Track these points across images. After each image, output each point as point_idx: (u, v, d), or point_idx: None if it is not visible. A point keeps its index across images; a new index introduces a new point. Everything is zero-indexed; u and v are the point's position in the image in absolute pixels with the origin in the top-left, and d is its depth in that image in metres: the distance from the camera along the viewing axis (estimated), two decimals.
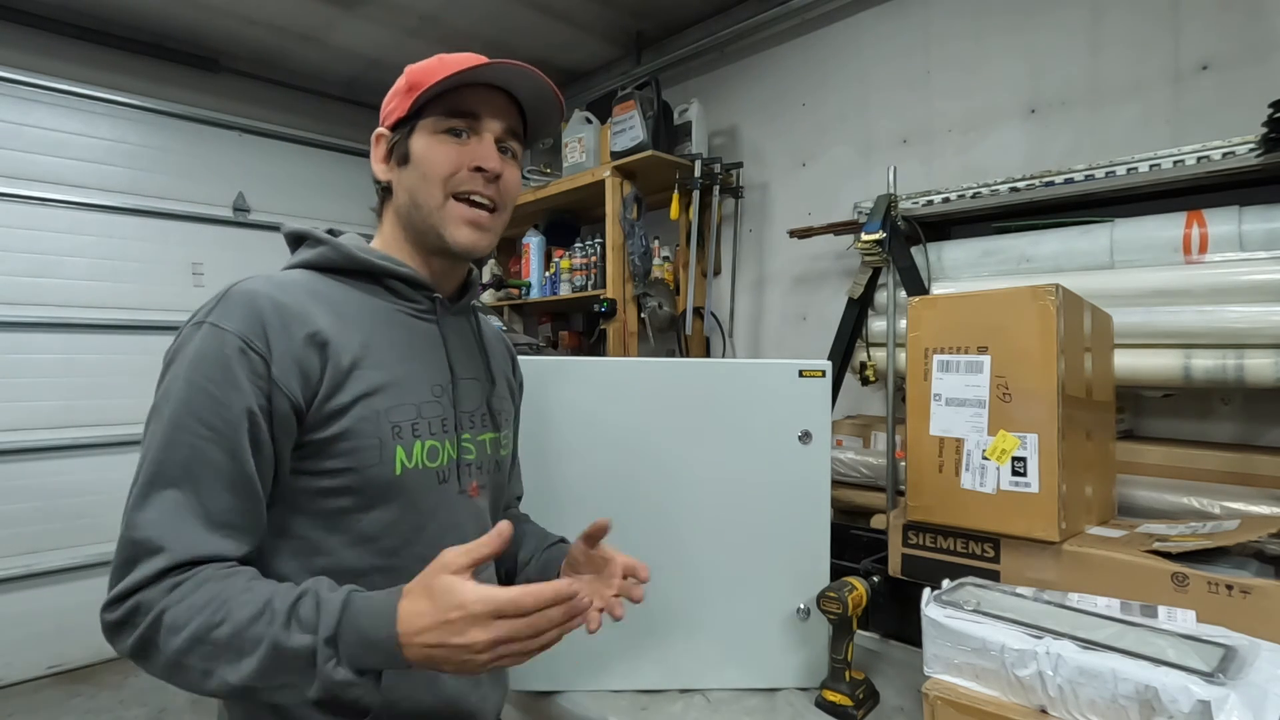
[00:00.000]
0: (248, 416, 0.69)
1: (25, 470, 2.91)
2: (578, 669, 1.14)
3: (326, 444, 0.73)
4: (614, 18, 2.88)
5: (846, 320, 1.96)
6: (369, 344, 0.77)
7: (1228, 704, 0.66)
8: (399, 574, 0.72)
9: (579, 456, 1.13)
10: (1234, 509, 1.30)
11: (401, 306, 0.84)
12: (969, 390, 1.10)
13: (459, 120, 0.81)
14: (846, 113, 2.41)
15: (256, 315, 0.71)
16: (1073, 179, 1.61)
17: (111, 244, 3.11)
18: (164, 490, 0.66)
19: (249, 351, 0.69)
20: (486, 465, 0.89)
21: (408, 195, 0.82)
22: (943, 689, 0.85)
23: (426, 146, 0.81)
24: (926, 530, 1.15)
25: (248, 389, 0.69)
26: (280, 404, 0.70)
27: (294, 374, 0.71)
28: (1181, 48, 1.71)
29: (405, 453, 0.77)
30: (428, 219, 0.81)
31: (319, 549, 0.75)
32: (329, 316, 0.75)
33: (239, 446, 0.68)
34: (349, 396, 0.74)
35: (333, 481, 0.74)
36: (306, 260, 0.82)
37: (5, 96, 2.84)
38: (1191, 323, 1.43)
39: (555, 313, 3.38)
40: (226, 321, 0.70)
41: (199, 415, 0.68)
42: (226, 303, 0.72)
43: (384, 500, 0.76)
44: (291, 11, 2.86)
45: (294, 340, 0.72)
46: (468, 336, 0.92)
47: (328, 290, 0.79)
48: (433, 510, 0.80)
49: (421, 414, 0.80)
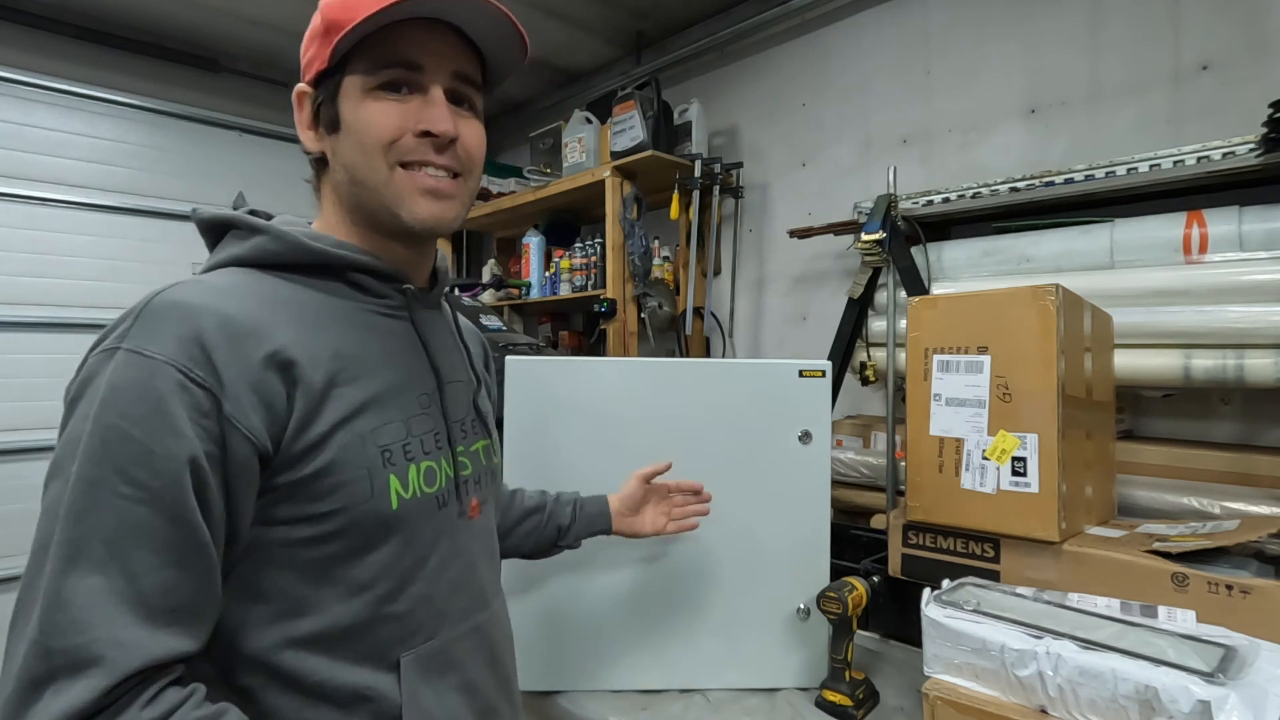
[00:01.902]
0: (191, 468, 0.53)
1: (25, 470, 2.91)
2: (578, 669, 1.14)
3: (304, 484, 0.59)
4: (614, 18, 2.88)
5: (846, 320, 1.96)
6: (342, 354, 0.64)
7: (1228, 704, 0.66)
8: (400, 622, 0.65)
9: (579, 456, 1.13)
10: (1234, 509, 1.30)
11: (369, 304, 0.69)
12: (969, 390, 1.10)
13: (396, 71, 0.65)
14: (846, 113, 2.41)
15: (194, 334, 0.55)
16: (1073, 179, 1.60)
17: (111, 244, 3.11)
18: (81, 576, 0.49)
19: (190, 384, 0.54)
20: (484, 478, 0.79)
21: (346, 170, 0.67)
22: (943, 689, 0.85)
23: (358, 109, 0.65)
24: (926, 530, 1.15)
25: (190, 433, 0.53)
26: (238, 448, 0.55)
27: (253, 407, 0.56)
28: (1181, 48, 1.71)
29: (400, 481, 0.65)
30: (375, 198, 0.66)
31: (304, 608, 0.60)
32: (289, 327, 0.61)
33: (182, 507, 0.53)
34: (327, 423, 0.60)
35: (316, 528, 0.60)
36: (237, 256, 0.65)
37: (5, 96, 2.84)
38: (1191, 323, 1.43)
39: (555, 313, 3.38)
40: (152, 345, 0.54)
41: (122, 470, 0.51)
42: (149, 320, 0.55)
43: (380, 540, 0.63)
44: (291, 11, 2.85)
45: (249, 363, 0.57)
46: (445, 332, 0.80)
47: (278, 292, 0.64)
48: (433, 541, 0.69)
49: (412, 431, 0.67)
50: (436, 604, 0.68)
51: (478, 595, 0.74)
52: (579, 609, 1.14)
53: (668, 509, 1.06)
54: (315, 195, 0.73)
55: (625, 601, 1.14)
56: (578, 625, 1.14)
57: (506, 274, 3.38)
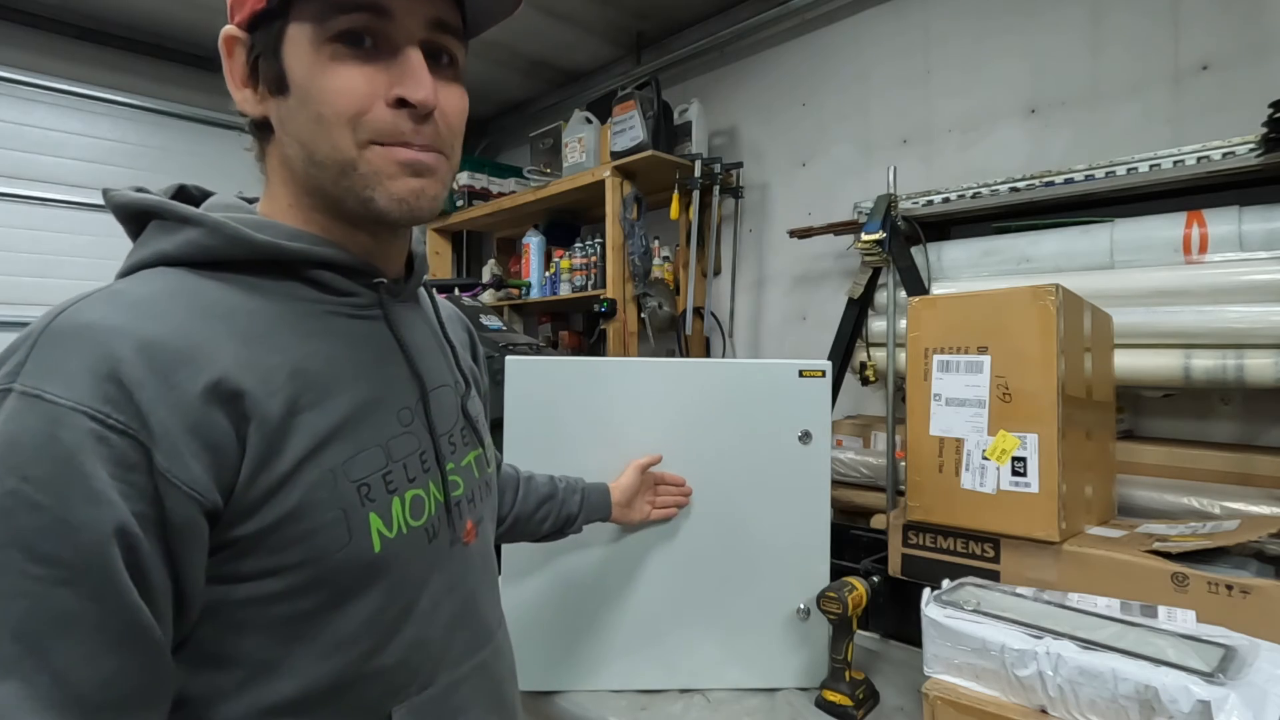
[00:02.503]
0: (118, 540, 0.42)
1: None
2: (578, 669, 1.14)
3: (267, 534, 0.48)
4: (614, 18, 2.88)
5: (846, 320, 1.96)
6: (302, 372, 0.52)
7: (1228, 704, 0.66)
8: (391, 675, 0.56)
9: (579, 457, 1.13)
10: (1234, 509, 1.30)
11: (331, 305, 0.56)
12: (969, 390, 1.10)
13: (355, 16, 0.50)
14: (846, 112, 2.41)
15: (109, 368, 0.43)
16: (1073, 179, 1.61)
17: (111, 244, 3.10)
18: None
19: (108, 433, 0.42)
20: (478, 494, 0.68)
21: (299, 147, 0.53)
22: (943, 689, 0.85)
23: (312, 70, 0.51)
24: (926, 530, 1.15)
25: (113, 495, 0.42)
26: (177, 508, 0.44)
27: (194, 454, 0.45)
28: (1181, 48, 1.71)
29: (382, 519, 0.54)
30: (339, 181, 0.53)
31: (276, 671, 0.50)
32: (232, 344, 0.48)
33: (111, 586, 0.42)
34: (290, 460, 0.49)
35: (283, 582, 0.49)
36: (163, 254, 0.52)
37: (5, 96, 2.84)
38: (1191, 323, 1.43)
39: (555, 313, 3.38)
40: (54, 386, 0.42)
41: (29, 547, 0.40)
42: (48, 350, 0.43)
43: (362, 589, 0.53)
44: None
45: (184, 399, 0.45)
46: (425, 329, 0.67)
47: (217, 298, 0.50)
48: (424, 580, 0.59)
49: (393, 456, 0.56)
50: (432, 648, 0.59)
51: (480, 629, 0.66)
52: (578, 609, 1.14)
53: (653, 497, 1.13)
54: (259, 168, 0.59)
55: (625, 601, 1.14)
56: (577, 625, 1.14)
57: (506, 274, 3.38)
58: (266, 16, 0.52)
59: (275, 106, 0.54)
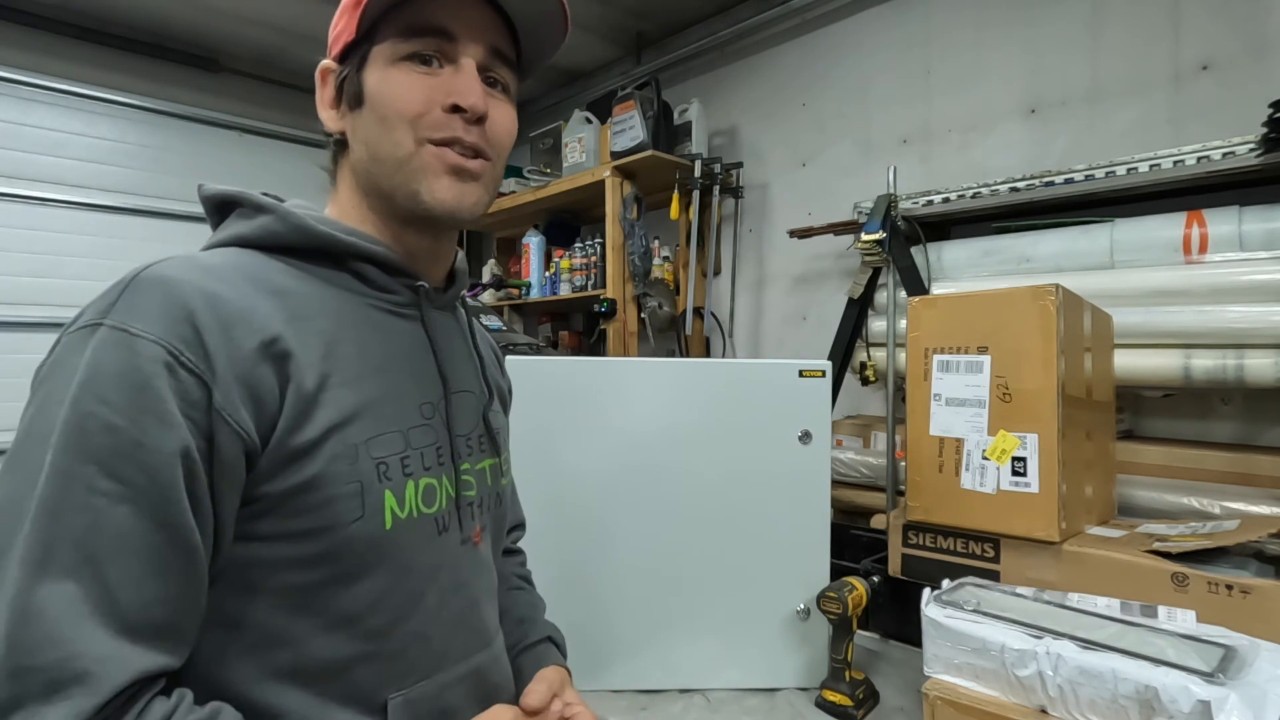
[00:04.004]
0: (182, 460, 0.47)
1: None
2: (578, 669, 1.14)
3: (288, 497, 0.52)
4: (614, 18, 2.88)
5: (846, 320, 1.96)
6: (335, 352, 0.57)
7: (1228, 704, 0.66)
8: (391, 661, 0.58)
9: (579, 457, 1.13)
10: (1234, 509, 1.30)
11: (374, 299, 0.63)
12: (969, 390, 1.10)
13: (425, 41, 0.60)
14: (846, 112, 2.41)
15: (185, 313, 0.49)
16: (1073, 179, 1.61)
17: (111, 244, 3.11)
18: (55, 583, 0.43)
19: (179, 367, 0.48)
20: (488, 501, 0.71)
21: (365, 147, 0.62)
22: (943, 689, 0.86)
23: (385, 80, 0.60)
24: (926, 530, 1.15)
25: (180, 421, 0.47)
26: (226, 444, 0.49)
27: (244, 400, 0.50)
28: (1181, 48, 1.71)
29: (396, 499, 0.58)
30: (394, 175, 0.61)
31: (281, 640, 0.54)
32: (283, 315, 0.55)
33: (170, 508, 0.47)
34: (317, 429, 0.54)
35: (299, 548, 0.53)
36: (240, 235, 0.60)
37: (5, 96, 2.84)
38: (1191, 323, 1.43)
39: (555, 313, 3.38)
40: (139, 322, 0.48)
41: (103, 464, 0.45)
42: (135, 295, 0.49)
43: (371, 566, 0.57)
44: (291, 11, 2.85)
45: (242, 351, 0.51)
46: (458, 337, 0.73)
47: (276, 278, 0.57)
48: (433, 572, 0.62)
49: (411, 444, 0.61)
50: (433, 644, 0.62)
51: (480, 632, 0.68)
52: (578, 609, 1.14)
53: None
54: (331, 181, 0.68)
55: (625, 601, 1.14)
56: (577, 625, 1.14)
57: (506, 274, 3.38)
58: (354, 45, 0.62)
59: (352, 120, 0.63)
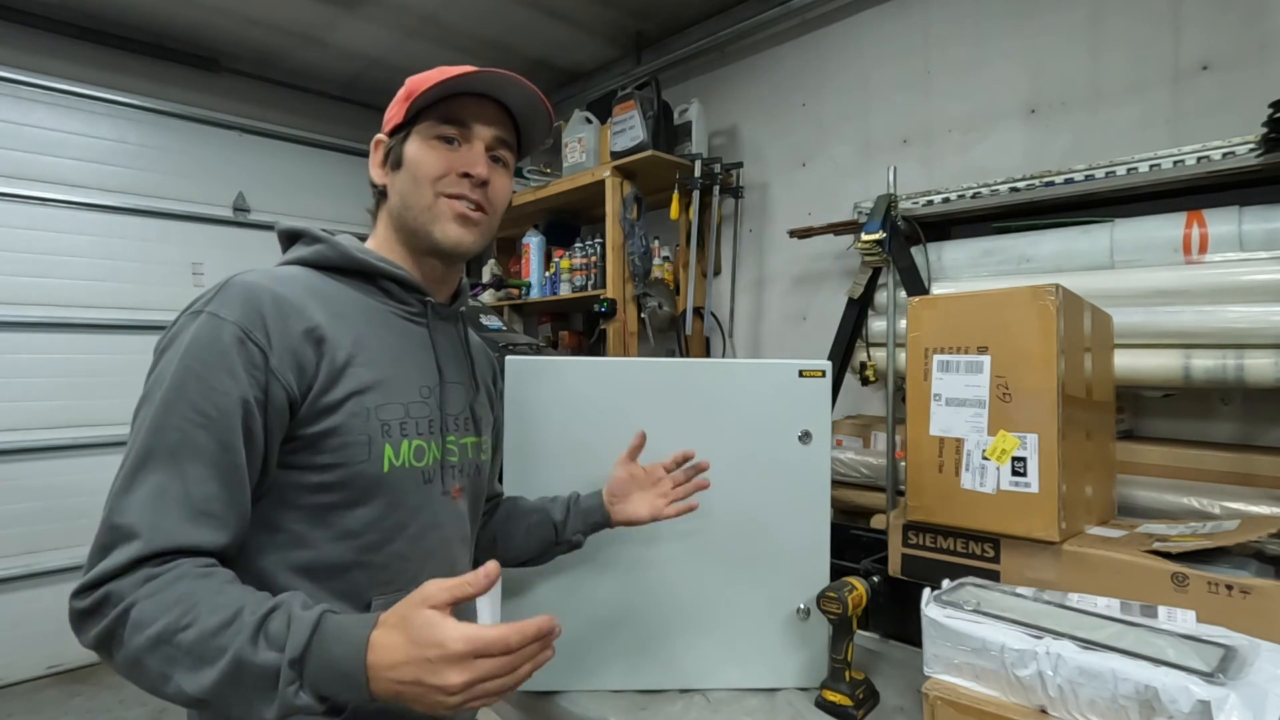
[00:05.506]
0: (242, 406, 0.69)
1: (25, 470, 2.91)
2: (578, 669, 1.14)
3: (317, 439, 0.74)
4: (614, 18, 2.88)
5: (846, 320, 1.96)
6: (361, 342, 0.79)
7: (1228, 704, 0.66)
8: (378, 571, 0.79)
9: (579, 456, 1.13)
10: (1234, 509, 1.30)
11: (394, 308, 0.86)
12: (969, 390, 1.10)
13: (451, 128, 0.84)
14: (847, 113, 2.41)
15: (256, 307, 0.72)
16: (1073, 179, 1.61)
17: (111, 244, 3.11)
18: (149, 474, 0.66)
19: (248, 342, 0.70)
20: (468, 469, 0.92)
21: (399, 197, 0.85)
22: (943, 689, 0.85)
23: (418, 151, 0.84)
24: (926, 530, 1.15)
25: (244, 379, 0.70)
26: (276, 395, 0.71)
27: (291, 367, 0.72)
28: (1181, 48, 1.71)
29: (393, 450, 0.79)
30: (418, 218, 0.84)
31: (302, 543, 0.75)
32: (325, 312, 0.77)
33: (231, 435, 0.69)
34: (341, 393, 0.75)
35: (321, 476, 0.75)
36: (302, 257, 0.84)
37: (5, 96, 2.84)
38: (1191, 323, 1.43)
39: (555, 313, 3.38)
40: (226, 311, 0.71)
41: (191, 401, 0.68)
42: (226, 294, 0.73)
43: (370, 497, 0.78)
44: (291, 11, 2.85)
45: (291, 334, 0.73)
46: (455, 342, 0.95)
47: (323, 287, 0.81)
48: (416, 509, 0.82)
49: (409, 414, 0.82)
50: (411, 564, 0.82)
51: (447, 563, 0.87)
52: (578, 609, 1.14)
53: (666, 491, 1.03)
54: (371, 219, 0.91)
55: (625, 601, 1.14)
56: (577, 625, 1.14)
57: (506, 274, 3.38)
58: (400, 126, 0.86)
59: (393, 178, 0.87)
